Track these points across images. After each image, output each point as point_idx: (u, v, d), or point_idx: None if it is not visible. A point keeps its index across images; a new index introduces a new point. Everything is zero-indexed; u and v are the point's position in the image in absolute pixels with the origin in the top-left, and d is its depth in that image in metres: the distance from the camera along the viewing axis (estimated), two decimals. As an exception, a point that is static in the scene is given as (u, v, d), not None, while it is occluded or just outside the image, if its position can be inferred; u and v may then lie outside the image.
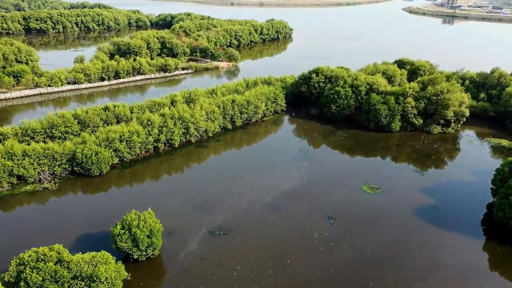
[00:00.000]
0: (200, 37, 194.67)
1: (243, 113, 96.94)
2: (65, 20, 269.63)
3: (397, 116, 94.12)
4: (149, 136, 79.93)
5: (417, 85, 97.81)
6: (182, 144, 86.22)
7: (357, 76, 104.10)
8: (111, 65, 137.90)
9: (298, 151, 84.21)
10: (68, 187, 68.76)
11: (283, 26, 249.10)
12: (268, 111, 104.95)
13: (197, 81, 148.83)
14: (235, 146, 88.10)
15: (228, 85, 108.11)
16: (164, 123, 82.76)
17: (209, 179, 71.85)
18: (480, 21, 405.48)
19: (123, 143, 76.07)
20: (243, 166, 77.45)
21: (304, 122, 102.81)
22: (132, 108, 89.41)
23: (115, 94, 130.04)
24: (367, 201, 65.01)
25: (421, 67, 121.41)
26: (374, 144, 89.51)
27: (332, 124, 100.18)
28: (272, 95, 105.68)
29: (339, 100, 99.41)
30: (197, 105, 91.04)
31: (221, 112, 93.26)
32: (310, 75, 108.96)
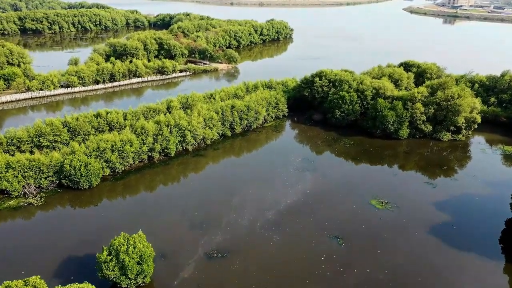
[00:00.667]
0: (199, 38, 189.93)
1: (243, 120, 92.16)
2: (61, 20, 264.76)
3: (405, 123, 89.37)
4: (143, 145, 75.13)
5: (426, 90, 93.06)
6: (178, 153, 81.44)
7: (362, 80, 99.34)
8: (106, 68, 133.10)
9: (301, 160, 79.42)
10: (55, 202, 63.95)
11: (284, 27, 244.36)
12: (269, 116, 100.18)
13: (195, 83, 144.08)
14: (234, 154, 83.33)
15: (227, 89, 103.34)
16: (159, 131, 77.96)
17: (207, 192, 67.06)
18: (482, 21, 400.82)
19: (115, 153, 71.27)
20: (243, 177, 72.66)
21: (307, 128, 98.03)
22: (125, 114, 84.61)
23: (110, 98, 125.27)
24: (376, 218, 60.25)
25: (428, 70, 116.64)
26: (381, 153, 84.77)
27: (336, 131, 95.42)
28: (273, 100, 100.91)
29: (343, 105, 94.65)
30: (195, 111, 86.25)
31: (219, 119, 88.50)
32: (313, 79, 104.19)
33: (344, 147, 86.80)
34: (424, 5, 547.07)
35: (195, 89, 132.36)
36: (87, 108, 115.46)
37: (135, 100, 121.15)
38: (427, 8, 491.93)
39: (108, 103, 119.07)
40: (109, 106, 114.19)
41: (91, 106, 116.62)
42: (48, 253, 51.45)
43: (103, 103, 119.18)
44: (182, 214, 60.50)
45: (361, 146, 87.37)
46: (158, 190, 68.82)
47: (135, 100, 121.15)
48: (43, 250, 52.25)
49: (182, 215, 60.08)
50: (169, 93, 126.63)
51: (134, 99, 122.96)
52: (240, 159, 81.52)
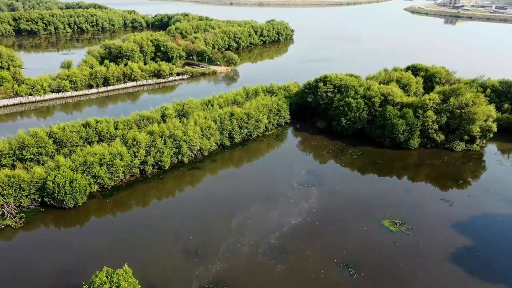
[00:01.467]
0: (197, 40, 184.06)
1: (242, 128, 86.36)
2: (57, 21, 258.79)
3: (416, 132, 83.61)
4: (135, 158, 69.29)
5: (438, 96, 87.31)
6: (173, 165, 75.60)
7: (369, 86, 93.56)
8: (100, 71, 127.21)
9: (306, 173, 73.60)
10: (35, 224, 58.14)
11: (284, 27, 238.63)
12: (271, 124, 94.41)
13: (193, 87, 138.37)
14: (233, 167, 77.53)
15: (226, 95, 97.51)
16: (153, 142, 72.15)
17: (203, 212, 61.24)
18: (485, 22, 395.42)
19: (103, 168, 65.43)
20: (243, 194, 66.83)
21: (310, 137, 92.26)
22: (116, 123, 78.76)
23: (104, 103, 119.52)
24: (391, 242, 54.49)
25: (437, 73, 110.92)
26: (391, 165, 79.01)
27: (342, 140, 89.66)
28: (275, 106, 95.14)
29: (350, 112, 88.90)
30: (191, 120, 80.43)
31: (218, 128, 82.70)
32: (317, 84, 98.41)
33: (351, 158, 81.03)
34: (425, 5, 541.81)
35: (193, 93, 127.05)
36: (79, 114, 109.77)
37: (129, 105, 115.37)
38: (429, 8, 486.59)
39: (101, 108, 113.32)
40: (102, 111, 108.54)
41: (83, 111, 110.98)
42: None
43: (96, 108, 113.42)
44: (175, 238, 54.69)
45: (369, 157, 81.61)
46: (150, 209, 63.01)
47: (129, 105, 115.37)
48: (12, 285, 46.40)
49: (176, 240, 54.27)
50: (165, 98, 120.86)
51: (129, 104, 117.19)
52: (240, 172, 75.72)
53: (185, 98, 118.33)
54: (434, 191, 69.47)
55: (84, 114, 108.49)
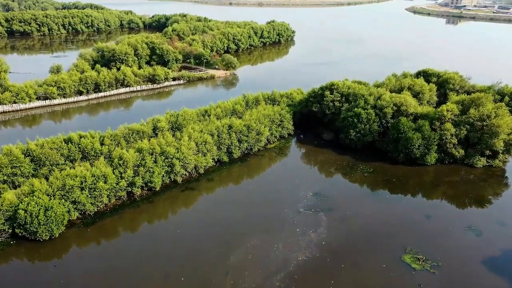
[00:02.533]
0: (195, 42, 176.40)
1: (242, 142, 78.74)
2: (50, 21, 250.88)
3: (433, 147, 76.01)
4: (121, 179, 61.64)
5: (456, 107, 79.76)
6: (165, 185, 67.94)
7: (380, 95, 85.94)
8: (90, 77, 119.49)
9: (313, 195, 65.97)
10: (5, 259, 50.51)
11: (285, 29, 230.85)
12: (273, 136, 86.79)
13: (190, 93, 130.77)
14: (232, 187, 69.85)
15: (224, 104, 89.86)
16: (142, 161, 64.54)
17: (197, 245, 53.60)
18: (488, 22, 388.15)
19: (85, 192, 57.82)
20: (243, 221, 59.24)
21: (316, 151, 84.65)
22: (103, 138, 71.06)
23: (95, 110, 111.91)
24: (415, 284, 46.89)
25: (450, 80, 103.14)
26: (406, 183, 71.44)
27: (351, 154, 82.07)
28: (277, 117, 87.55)
29: (359, 124, 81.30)
30: (185, 135, 72.81)
31: (215, 142, 75.08)
32: (322, 92, 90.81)
33: (362, 176, 73.42)
34: (427, 5, 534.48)
35: (189, 100, 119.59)
36: (68, 122, 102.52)
37: (121, 113, 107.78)
38: (431, 8, 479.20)
39: (90, 117, 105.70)
40: (90, 121, 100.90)
41: (72, 120, 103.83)
42: None
43: (85, 117, 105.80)
44: (164, 280, 47.06)
45: (382, 175, 74.01)
46: (136, 240, 55.36)
47: (121, 113, 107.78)
48: None
49: (165, 282, 46.64)
50: (159, 105, 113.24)
51: (121, 112, 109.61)
52: (239, 193, 68.07)
53: (181, 105, 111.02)
54: (458, 216, 61.87)
55: (72, 123, 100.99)
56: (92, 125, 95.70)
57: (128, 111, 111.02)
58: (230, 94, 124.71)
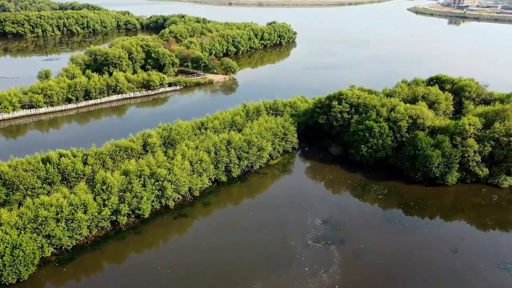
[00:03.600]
0: (193, 44, 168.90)
1: (242, 159, 71.07)
2: (44, 23, 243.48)
3: (455, 165, 68.37)
4: (104, 208, 54.01)
5: (479, 120, 72.14)
6: (155, 212, 60.29)
7: (394, 106, 78.31)
8: (80, 83, 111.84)
9: (322, 223, 58.33)
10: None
11: (286, 30, 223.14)
12: (276, 151, 79.13)
13: (186, 99, 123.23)
14: (230, 212, 62.18)
15: (222, 115, 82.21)
16: (128, 185, 56.95)
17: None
18: (492, 23, 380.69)
19: (61, 224, 50.20)
20: (243, 257, 51.57)
21: (323, 167, 77.01)
22: (86, 157, 63.40)
23: (85, 119, 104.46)
24: None
25: (466, 87, 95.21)
26: (426, 207, 63.84)
27: (363, 171, 74.41)
28: (280, 129, 79.91)
29: (371, 139, 73.64)
30: (178, 153, 65.15)
31: (212, 160, 67.43)
32: (330, 103, 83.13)
33: (376, 199, 65.79)
34: (428, 5, 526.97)
35: (185, 107, 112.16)
36: (54, 132, 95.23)
37: (112, 123, 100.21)
38: (433, 9, 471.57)
39: (79, 127, 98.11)
40: (78, 132, 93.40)
41: (62, 128, 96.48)
42: None
43: (73, 127, 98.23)
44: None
45: (397, 197, 66.34)
46: (121, 277, 47.76)
47: (112, 123, 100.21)
48: None
49: None
50: (153, 114, 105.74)
51: (112, 121, 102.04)
52: (238, 220, 60.35)
53: (176, 113, 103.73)
54: (487, 250, 54.16)
55: (58, 134, 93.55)
56: (79, 137, 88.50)
57: (120, 121, 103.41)
58: (229, 101, 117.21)
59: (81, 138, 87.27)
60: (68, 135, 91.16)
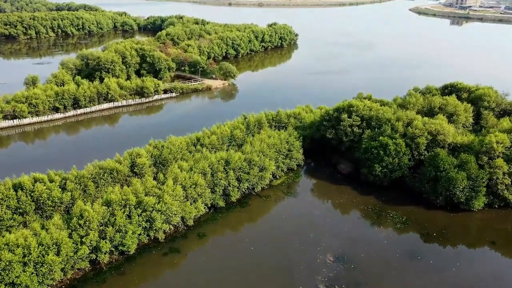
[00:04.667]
0: (190, 47, 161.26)
1: (242, 181, 63.39)
2: (38, 24, 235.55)
3: (482, 189, 60.73)
4: (81, 246, 46.35)
5: (508, 137, 64.51)
6: (143, 246, 52.65)
7: (411, 120, 70.62)
8: (68, 91, 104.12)
9: (334, 261, 50.67)
10: None
11: (288, 32, 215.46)
12: (279, 170, 71.45)
13: (183, 107, 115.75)
14: (227, 248, 54.40)
15: (220, 130, 74.51)
16: (111, 217, 49.30)
17: None
18: (497, 23, 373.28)
19: (29, 269, 42.55)
20: (244, 306, 43.95)
21: (332, 189, 69.32)
22: (65, 182, 55.71)
23: (73, 130, 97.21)
24: None
25: (485, 96, 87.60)
26: (451, 238, 56.21)
27: (377, 194, 66.72)
28: (284, 146, 72.25)
29: (386, 157, 65.94)
30: (170, 177, 57.49)
31: (208, 183, 59.78)
32: (338, 115, 75.41)
33: (394, 228, 58.14)
34: (431, 5, 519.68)
35: (181, 117, 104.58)
36: (38, 146, 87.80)
37: (101, 135, 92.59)
38: (436, 9, 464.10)
39: (64, 140, 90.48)
40: (62, 146, 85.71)
41: (49, 139, 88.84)
42: None
43: (59, 140, 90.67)
44: None
45: (418, 226, 58.67)
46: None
47: (101, 135, 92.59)
48: None
49: None
50: (146, 124, 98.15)
51: (100, 133, 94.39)
52: (238, 258, 52.46)
53: (171, 124, 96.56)
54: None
55: (40, 148, 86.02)
56: (63, 152, 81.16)
57: (109, 133, 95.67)
58: (229, 110, 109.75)
59: (64, 154, 79.86)
60: (51, 150, 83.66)
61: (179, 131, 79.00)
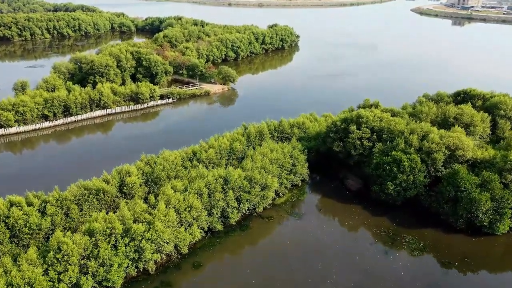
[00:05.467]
0: (188, 50, 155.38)
1: (242, 202, 57.65)
2: (33, 25, 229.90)
3: (507, 211, 54.98)
4: (59, 284, 40.58)
5: (533, 153, 58.84)
6: (131, 279, 46.87)
7: (426, 133, 64.82)
8: (58, 97, 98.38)
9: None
10: None
11: (289, 33, 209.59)
12: (283, 187, 65.69)
13: (179, 114, 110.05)
14: (226, 278, 48.66)
15: (218, 142, 68.73)
16: (94, 248, 43.55)
17: None
18: (500, 24, 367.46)
19: (-4, 314, 36.87)
20: None
21: (341, 208, 63.51)
22: (45, 205, 49.96)
23: (62, 139, 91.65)
24: None
25: (501, 104, 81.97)
26: (475, 267, 50.49)
27: (390, 215, 60.96)
28: (288, 160, 66.46)
29: (400, 175, 60.17)
30: (162, 199, 51.70)
31: (205, 204, 54.04)
32: (346, 127, 69.62)
33: (411, 254, 52.34)
34: (432, 5, 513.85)
35: (177, 126, 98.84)
36: (26, 156, 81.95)
37: (91, 146, 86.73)
38: (438, 9, 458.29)
39: (52, 152, 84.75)
40: (48, 161, 79.96)
41: (37, 150, 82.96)
42: None
43: (46, 151, 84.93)
44: None
45: (437, 253, 52.88)
46: None
47: (91, 146, 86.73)
48: None
49: None
50: (139, 134, 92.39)
51: (90, 144, 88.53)
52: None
53: (166, 134, 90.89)
54: None
55: (25, 162, 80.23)
56: (47, 168, 75.26)
57: (99, 144, 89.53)
58: (228, 117, 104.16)
59: (49, 168, 74.28)
60: (35, 164, 77.80)
61: (174, 142, 73.55)
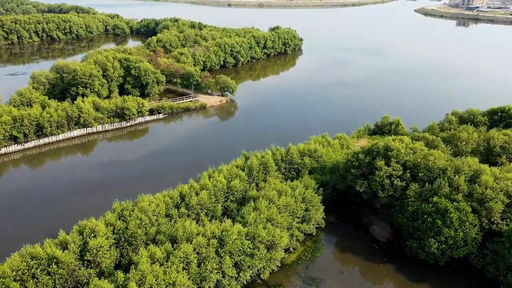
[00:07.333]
0: (183, 56, 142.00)
1: (243, 269, 44.05)
2: (20, 28, 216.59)
3: None
4: None
5: None
6: None
7: (478, 173, 51.10)
8: (29, 116, 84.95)
9: None
10: None
11: (292, 37, 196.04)
12: (294, 239, 52.14)
13: (171, 134, 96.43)
14: None
15: (213, 180, 55.21)
16: None
17: None
18: (509, 25, 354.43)
19: None
20: None
21: (369, 269, 49.95)
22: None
23: (33, 166, 77.98)
24: None
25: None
26: None
27: (433, 280, 47.48)
28: (300, 206, 52.86)
29: (446, 229, 46.63)
30: (134, 277, 38.06)
31: (193, 276, 40.45)
32: (371, 161, 56.06)
33: None
34: (436, 5, 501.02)
35: (166, 150, 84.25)
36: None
37: (58, 180, 73.08)
38: (443, 10, 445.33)
39: (34, 171, 71.07)
40: (4, 202, 66.29)
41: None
42: None
43: (8, 188, 71.25)
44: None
45: None
46: None
47: (58, 180, 73.08)
48: None
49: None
50: (120, 162, 78.78)
51: (57, 179, 74.89)
52: None
53: (151, 160, 77.47)
54: None
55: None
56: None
57: (71, 174, 74.96)
58: (226, 139, 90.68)
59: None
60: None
61: (159, 174, 60.52)
